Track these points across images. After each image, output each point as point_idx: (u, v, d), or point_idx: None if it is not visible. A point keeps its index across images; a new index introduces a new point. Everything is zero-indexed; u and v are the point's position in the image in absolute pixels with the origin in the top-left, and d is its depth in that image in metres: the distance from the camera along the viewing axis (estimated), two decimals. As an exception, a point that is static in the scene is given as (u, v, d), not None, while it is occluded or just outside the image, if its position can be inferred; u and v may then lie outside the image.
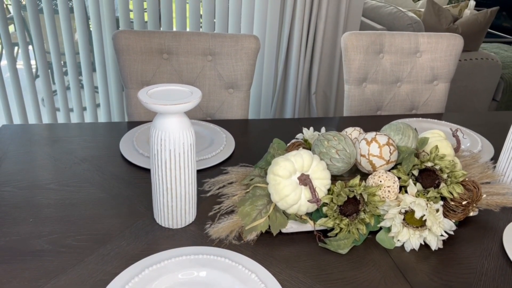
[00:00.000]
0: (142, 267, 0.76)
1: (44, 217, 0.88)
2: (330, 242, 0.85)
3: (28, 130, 1.25)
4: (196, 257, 0.79)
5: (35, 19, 2.02)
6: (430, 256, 0.87)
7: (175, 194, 0.85)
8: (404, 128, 0.99)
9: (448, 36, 1.65)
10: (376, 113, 1.70)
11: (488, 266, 0.85)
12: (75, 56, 2.16)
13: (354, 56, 1.58)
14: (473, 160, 1.10)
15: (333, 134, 0.93)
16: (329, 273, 0.80)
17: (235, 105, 1.53)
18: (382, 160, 0.92)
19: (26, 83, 2.14)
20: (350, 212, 0.86)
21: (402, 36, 1.62)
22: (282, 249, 0.85)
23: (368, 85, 1.65)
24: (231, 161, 1.14)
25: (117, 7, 2.09)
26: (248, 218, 0.86)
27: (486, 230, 0.95)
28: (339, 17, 2.22)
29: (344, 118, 1.60)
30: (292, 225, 0.88)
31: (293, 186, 0.85)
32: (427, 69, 1.67)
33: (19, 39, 2.07)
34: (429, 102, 1.71)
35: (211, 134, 1.26)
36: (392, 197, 0.89)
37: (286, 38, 2.17)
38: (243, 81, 1.51)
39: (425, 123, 1.45)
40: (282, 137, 1.05)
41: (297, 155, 0.86)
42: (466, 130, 1.39)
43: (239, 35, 1.49)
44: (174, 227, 0.89)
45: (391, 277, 0.81)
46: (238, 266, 0.77)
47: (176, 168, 0.82)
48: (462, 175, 0.89)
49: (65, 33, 2.08)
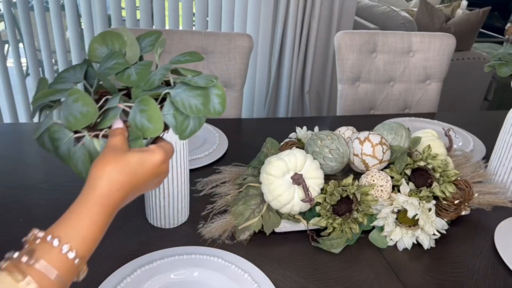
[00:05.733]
0: (134, 267, 0.75)
1: (35, 217, 0.87)
2: (323, 242, 0.85)
3: (18, 129, 1.24)
4: (189, 257, 0.78)
5: (26, 16, 2.00)
6: (422, 255, 0.87)
7: (167, 193, 0.84)
8: (397, 128, 0.99)
9: (441, 35, 1.66)
10: (369, 113, 1.70)
11: (480, 264, 0.85)
12: (66, 54, 2.13)
13: (347, 55, 1.58)
14: (465, 160, 1.10)
15: (326, 134, 0.93)
16: (322, 272, 0.80)
17: (228, 104, 1.53)
18: (375, 159, 0.92)
19: (17, 82, 2.12)
20: (343, 211, 0.86)
21: (395, 36, 1.63)
22: (275, 249, 0.85)
23: (361, 84, 1.65)
24: (224, 160, 1.13)
25: (109, 5, 2.08)
26: (241, 217, 0.86)
27: (478, 229, 0.96)
28: (333, 16, 2.22)
29: (337, 118, 1.60)
30: (285, 224, 0.88)
31: (286, 186, 0.84)
32: (420, 68, 1.67)
33: (9, 37, 2.05)
34: (422, 101, 1.72)
35: (204, 133, 1.25)
36: (385, 196, 0.89)
37: (279, 37, 2.17)
38: (236, 80, 1.50)
39: (418, 122, 1.45)
40: (275, 136, 1.05)
41: (290, 155, 0.86)
42: (458, 130, 1.39)
43: (232, 33, 1.48)
44: (167, 227, 0.88)
45: (384, 276, 0.81)
46: (231, 266, 0.77)
47: (168, 168, 0.82)
48: (454, 174, 0.90)
49: (56, 31, 2.06)
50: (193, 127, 0.51)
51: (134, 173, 0.46)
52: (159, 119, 0.48)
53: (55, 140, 0.50)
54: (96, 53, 0.53)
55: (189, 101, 0.50)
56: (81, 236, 0.41)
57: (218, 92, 0.52)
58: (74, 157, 0.49)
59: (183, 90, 0.50)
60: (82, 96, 0.47)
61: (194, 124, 0.51)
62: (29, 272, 0.37)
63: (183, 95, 0.50)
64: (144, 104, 0.48)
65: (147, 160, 0.48)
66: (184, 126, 0.51)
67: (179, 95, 0.50)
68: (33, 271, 0.37)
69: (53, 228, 0.41)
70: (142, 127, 0.48)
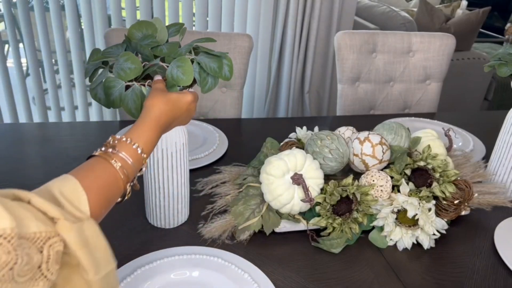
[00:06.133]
0: (135, 267, 0.75)
1: (35, 217, 0.87)
2: (323, 242, 0.85)
3: (18, 129, 1.24)
4: (189, 257, 0.78)
5: (26, 16, 2.00)
6: (422, 255, 0.87)
7: (167, 193, 0.84)
8: (396, 128, 0.99)
9: (441, 35, 1.66)
10: (369, 113, 1.70)
11: (479, 264, 0.85)
12: (66, 54, 2.13)
13: (347, 55, 1.58)
14: (465, 160, 1.10)
15: (326, 134, 0.93)
16: (322, 272, 0.80)
17: (228, 104, 1.53)
18: (375, 159, 0.92)
19: (17, 82, 2.12)
20: (343, 211, 0.86)
21: (395, 36, 1.63)
22: (275, 249, 0.85)
23: (361, 84, 1.65)
24: (224, 160, 1.13)
25: (109, 5, 2.08)
26: (241, 217, 0.86)
27: (478, 229, 0.96)
28: (332, 16, 2.22)
29: (337, 118, 1.60)
30: (285, 224, 0.88)
31: (286, 186, 0.84)
32: (420, 68, 1.67)
33: (9, 37, 2.05)
34: (422, 101, 1.72)
35: (204, 133, 1.25)
36: (385, 196, 0.89)
37: (279, 37, 2.17)
38: (236, 80, 1.50)
39: (418, 122, 1.45)
40: (275, 137, 1.05)
41: (290, 155, 0.86)
42: (458, 130, 1.39)
43: (232, 34, 1.48)
44: (167, 227, 0.88)
45: (383, 276, 0.81)
46: (231, 266, 0.77)
47: (169, 168, 0.82)
48: (454, 174, 0.90)
49: (56, 31, 2.06)
50: (211, 84, 0.71)
51: (173, 106, 0.64)
52: (191, 73, 0.65)
53: (109, 88, 0.66)
54: (133, 36, 0.71)
55: (209, 64, 0.69)
56: (144, 140, 0.58)
57: (227, 63, 0.72)
58: (126, 99, 0.66)
59: (205, 57, 0.70)
60: (131, 56, 0.65)
61: (211, 81, 0.70)
62: (115, 157, 0.54)
63: (205, 59, 0.70)
64: (181, 62, 0.66)
65: (182, 98, 0.66)
66: (205, 81, 0.70)
67: (202, 59, 0.70)
68: (117, 156, 0.54)
69: (125, 134, 0.58)
70: (177, 78, 0.65)
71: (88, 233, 0.43)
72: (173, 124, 0.67)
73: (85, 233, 0.43)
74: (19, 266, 0.35)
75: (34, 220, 0.38)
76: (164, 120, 0.62)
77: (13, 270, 0.35)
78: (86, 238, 0.42)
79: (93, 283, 0.42)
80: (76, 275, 0.42)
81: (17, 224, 0.36)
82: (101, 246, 0.45)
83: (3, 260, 0.34)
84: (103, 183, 0.50)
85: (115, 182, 0.53)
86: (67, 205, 0.45)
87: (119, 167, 0.53)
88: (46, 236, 0.39)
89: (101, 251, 0.44)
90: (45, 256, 0.38)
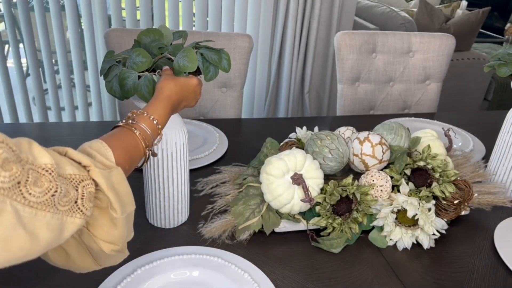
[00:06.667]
0: (135, 267, 0.76)
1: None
2: (323, 241, 0.86)
3: (18, 130, 1.24)
4: (189, 256, 0.79)
5: (26, 16, 2.00)
6: (422, 255, 0.87)
7: (167, 193, 0.84)
8: (396, 128, 0.99)
9: (441, 36, 1.66)
10: (369, 113, 1.70)
11: (479, 264, 0.86)
12: (66, 54, 2.13)
13: (347, 55, 1.58)
14: (465, 160, 1.10)
15: (326, 134, 0.93)
16: (322, 272, 0.81)
17: (228, 104, 1.53)
18: (374, 159, 0.92)
19: (17, 82, 2.12)
20: (343, 211, 0.86)
21: (394, 36, 1.63)
22: (275, 249, 0.85)
23: (361, 84, 1.65)
24: (224, 160, 1.13)
25: (109, 5, 2.08)
26: (241, 217, 0.86)
27: (478, 228, 0.96)
28: (332, 17, 2.22)
29: (337, 118, 1.60)
30: (285, 224, 0.88)
31: (286, 186, 0.85)
32: (420, 68, 1.68)
33: (10, 37, 2.05)
34: (422, 101, 1.72)
35: (204, 133, 1.25)
36: (385, 196, 0.89)
37: (279, 37, 2.17)
38: (236, 80, 1.50)
39: (418, 122, 1.45)
40: (275, 137, 1.05)
41: (290, 155, 0.86)
42: (458, 130, 1.40)
43: (232, 34, 1.48)
44: (167, 227, 0.88)
45: (383, 276, 0.81)
46: (231, 266, 0.77)
47: (169, 168, 0.82)
48: (454, 174, 0.90)
49: (56, 31, 2.06)
50: (212, 73, 0.79)
51: (182, 87, 0.72)
52: (195, 60, 0.74)
53: (124, 79, 0.74)
54: (142, 40, 0.81)
55: (210, 55, 0.79)
56: (159, 114, 0.66)
57: (225, 56, 0.81)
58: (139, 86, 0.74)
59: (207, 50, 0.80)
60: (142, 52, 0.75)
61: (212, 71, 0.79)
62: (135, 126, 0.61)
63: (207, 52, 0.79)
64: (187, 52, 0.74)
65: (189, 81, 0.74)
66: (207, 70, 0.79)
67: (204, 52, 0.79)
68: (137, 126, 0.62)
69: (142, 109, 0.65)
70: (184, 66, 0.73)
71: (115, 179, 0.51)
72: (182, 104, 0.74)
73: (113, 178, 0.50)
74: (59, 194, 0.42)
75: (69, 165, 0.46)
76: (175, 98, 0.70)
77: (55, 198, 0.42)
78: (113, 183, 0.50)
79: (118, 221, 0.51)
80: (105, 215, 0.50)
81: (55, 163, 0.43)
82: (126, 190, 0.52)
83: (45, 186, 0.41)
84: (125, 145, 0.58)
85: (136, 146, 0.60)
86: (98, 156, 0.52)
87: (138, 133, 0.61)
88: (80, 178, 0.46)
89: (126, 195, 0.52)
90: (80, 193, 0.46)
